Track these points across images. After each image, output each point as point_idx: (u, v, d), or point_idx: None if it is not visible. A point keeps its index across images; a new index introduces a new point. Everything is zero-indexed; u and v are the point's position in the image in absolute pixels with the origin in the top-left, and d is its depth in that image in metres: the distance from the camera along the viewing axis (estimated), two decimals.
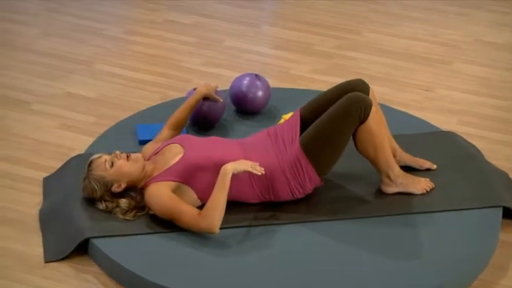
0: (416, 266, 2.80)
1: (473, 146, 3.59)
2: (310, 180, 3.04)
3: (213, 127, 3.66)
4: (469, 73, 4.45)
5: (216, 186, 2.90)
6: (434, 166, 3.36)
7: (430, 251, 2.88)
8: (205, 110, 3.57)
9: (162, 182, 2.96)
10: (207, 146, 3.07)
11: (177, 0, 5.35)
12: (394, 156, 3.31)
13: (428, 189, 3.22)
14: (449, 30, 5.06)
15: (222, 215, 2.88)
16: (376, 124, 3.05)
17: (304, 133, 3.03)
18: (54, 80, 4.19)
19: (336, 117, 2.98)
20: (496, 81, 4.36)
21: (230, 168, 2.90)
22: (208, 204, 2.88)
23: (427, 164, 3.36)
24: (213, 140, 3.13)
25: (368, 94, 3.19)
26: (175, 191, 2.97)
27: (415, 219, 3.05)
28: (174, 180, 2.96)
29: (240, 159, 2.96)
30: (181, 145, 3.10)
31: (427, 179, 3.25)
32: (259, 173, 2.91)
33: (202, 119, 3.60)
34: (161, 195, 2.93)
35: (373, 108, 3.04)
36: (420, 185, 3.21)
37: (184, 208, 2.90)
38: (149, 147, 3.23)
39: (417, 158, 3.37)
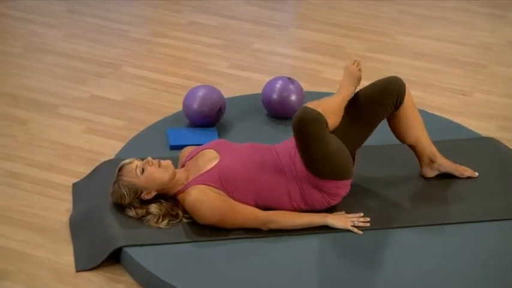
0: (458, 278, 2.69)
1: None
2: (338, 187, 2.95)
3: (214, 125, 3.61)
4: (506, 76, 4.34)
5: (301, 216, 2.91)
6: (476, 174, 3.25)
7: (472, 262, 2.77)
8: (207, 110, 3.52)
9: (201, 185, 2.87)
10: (242, 153, 2.98)
11: (200, 2, 5.27)
12: (434, 161, 3.21)
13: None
14: (482, 32, 4.95)
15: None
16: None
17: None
18: (81, 83, 4.11)
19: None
20: None
21: (329, 221, 2.90)
22: (282, 217, 2.89)
23: (468, 171, 3.26)
24: (248, 147, 3.04)
25: (404, 93, 3.08)
26: None
27: (456, 229, 2.95)
28: (210, 185, 2.88)
29: (341, 214, 2.95)
30: (217, 151, 3.01)
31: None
32: (360, 233, 2.89)
33: (205, 118, 3.54)
34: (207, 195, 2.84)
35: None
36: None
37: (237, 204, 2.86)
38: (187, 151, 3.15)
39: (458, 165, 3.26)
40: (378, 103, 3.04)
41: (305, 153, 2.86)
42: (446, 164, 3.23)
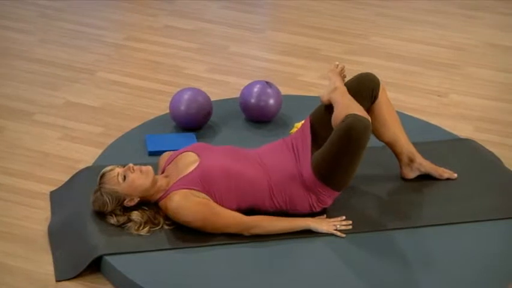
0: (440, 281, 2.69)
1: (493, 154, 3.50)
2: (330, 196, 2.95)
3: (201, 129, 3.60)
4: (483, 77, 4.37)
5: (283, 220, 2.89)
6: (455, 175, 3.26)
7: (453, 264, 2.78)
8: (194, 112, 3.50)
9: (182, 190, 2.84)
10: (223, 156, 2.96)
11: (175, 6, 5.24)
12: (413, 161, 3.21)
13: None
14: (458, 33, 4.98)
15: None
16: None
17: (315, 155, 2.91)
18: (56, 89, 4.05)
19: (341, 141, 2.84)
20: (511, 86, 4.28)
21: (312, 225, 2.89)
22: (265, 222, 2.87)
23: (446, 173, 3.26)
24: (229, 150, 3.02)
25: (378, 87, 3.10)
26: None
27: (437, 231, 2.95)
28: (192, 189, 2.85)
29: (323, 218, 2.94)
30: (197, 154, 2.99)
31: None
32: (343, 236, 2.89)
33: (190, 121, 3.53)
34: (189, 200, 2.82)
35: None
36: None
37: (219, 209, 2.84)
38: (166, 156, 3.12)
39: (437, 166, 3.27)
40: (353, 96, 3.03)
41: (336, 158, 2.83)
42: (426, 164, 3.23)
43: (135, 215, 2.89)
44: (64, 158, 3.44)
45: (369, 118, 2.85)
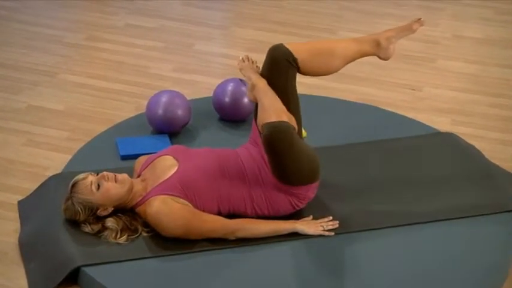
0: (430, 281, 2.61)
1: (474, 147, 3.44)
2: (307, 190, 2.84)
3: (179, 132, 3.45)
4: (455, 70, 4.32)
5: (270, 223, 2.78)
6: (421, 18, 3.09)
7: (443, 263, 2.70)
8: (170, 116, 3.35)
9: (162, 195, 2.71)
10: (201, 158, 2.84)
11: (136, 4, 5.09)
12: (380, 44, 3.03)
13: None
14: (426, 26, 4.92)
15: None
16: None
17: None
18: (17, 93, 3.87)
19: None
20: (484, 78, 4.24)
21: (299, 227, 2.78)
22: (251, 224, 2.75)
23: (414, 24, 3.08)
24: (207, 151, 2.89)
25: (289, 52, 2.86)
26: None
27: (425, 229, 2.86)
28: (172, 194, 2.72)
29: (310, 220, 2.83)
30: (175, 157, 2.86)
31: None
32: (332, 234, 2.79)
33: (168, 125, 3.38)
34: (170, 205, 2.68)
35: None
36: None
37: (201, 213, 2.71)
38: (142, 159, 2.98)
39: (401, 26, 3.09)
40: (273, 76, 2.88)
41: (278, 167, 2.74)
42: (392, 34, 3.05)
43: (110, 222, 2.75)
44: (30, 165, 3.28)
45: (284, 118, 2.71)
